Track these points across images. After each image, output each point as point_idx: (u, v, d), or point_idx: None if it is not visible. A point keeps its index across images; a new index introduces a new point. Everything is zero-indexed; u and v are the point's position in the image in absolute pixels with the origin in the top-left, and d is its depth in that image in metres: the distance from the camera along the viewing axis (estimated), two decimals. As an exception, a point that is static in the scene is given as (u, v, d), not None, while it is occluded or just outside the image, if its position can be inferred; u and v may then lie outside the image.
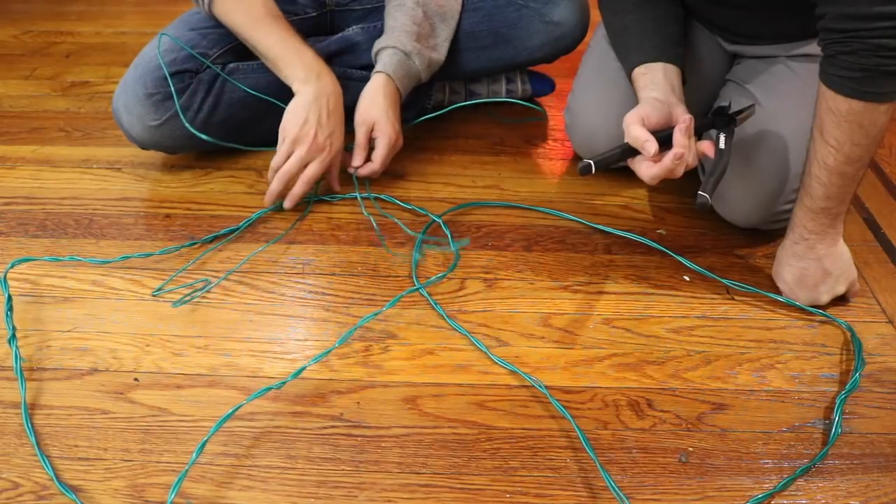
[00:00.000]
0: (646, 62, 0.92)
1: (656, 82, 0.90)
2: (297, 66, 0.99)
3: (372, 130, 1.03)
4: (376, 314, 0.86)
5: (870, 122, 0.74)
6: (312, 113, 0.97)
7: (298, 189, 0.99)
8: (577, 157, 1.15)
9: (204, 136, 1.02)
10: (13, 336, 0.81)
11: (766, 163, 0.93)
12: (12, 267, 0.89)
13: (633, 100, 1.02)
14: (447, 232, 1.00)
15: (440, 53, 1.09)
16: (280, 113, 0.99)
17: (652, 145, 0.81)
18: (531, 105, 1.23)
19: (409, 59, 1.04)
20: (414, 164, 1.14)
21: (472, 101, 1.23)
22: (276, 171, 0.98)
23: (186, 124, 1.01)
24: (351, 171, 1.05)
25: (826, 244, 0.85)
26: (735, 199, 0.96)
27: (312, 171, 0.98)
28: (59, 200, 1.05)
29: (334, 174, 1.04)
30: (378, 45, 1.05)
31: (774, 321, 0.89)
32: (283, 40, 0.99)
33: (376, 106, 1.02)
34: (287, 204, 1.00)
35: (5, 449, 0.72)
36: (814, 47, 0.93)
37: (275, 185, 0.99)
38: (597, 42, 1.11)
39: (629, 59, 0.94)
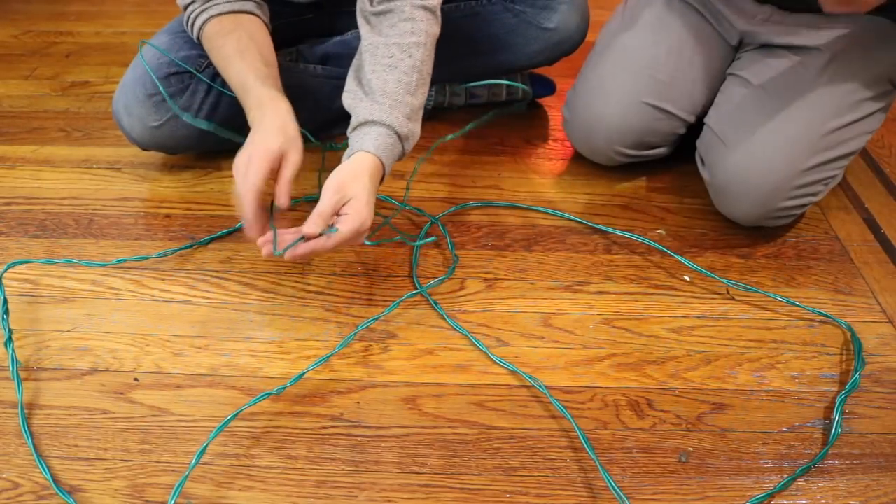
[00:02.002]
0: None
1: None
2: (248, 107, 0.88)
3: (343, 206, 0.83)
4: (377, 318, 0.86)
5: None
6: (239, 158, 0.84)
7: (244, 199, 0.81)
8: (576, 156, 1.15)
9: (204, 125, 0.95)
10: (9, 339, 0.81)
11: (767, 158, 0.93)
12: (7, 270, 0.89)
13: (632, 95, 1.03)
14: (445, 233, 1.00)
15: (419, 126, 0.91)
16: None
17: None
18: (514, 84, 1.20)
19: (401, 142, 0.88)
20: (414, 165, 1.13)
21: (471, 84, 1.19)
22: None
23: (183, 115, 0.95)
24: (290, 238, 0.80)
25: None
26: (736, 196, 0.96)
27: (251, 173, 0.81)
28: (59, 200, 1.05)
29: (281, 184, 0.84)
30: (368, 112, 0.86)
31: (774, 321, 0.89)
32: (239, 79, 0.89)
33: (359, 184, 0.83)
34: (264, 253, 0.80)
35: (5, 449, 0.72)
36: (817, 38, 0.93)
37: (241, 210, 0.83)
38: (599, 39, 1.11)
39: None
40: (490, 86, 1.25)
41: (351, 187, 0.83)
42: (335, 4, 1.17)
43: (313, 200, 0.97)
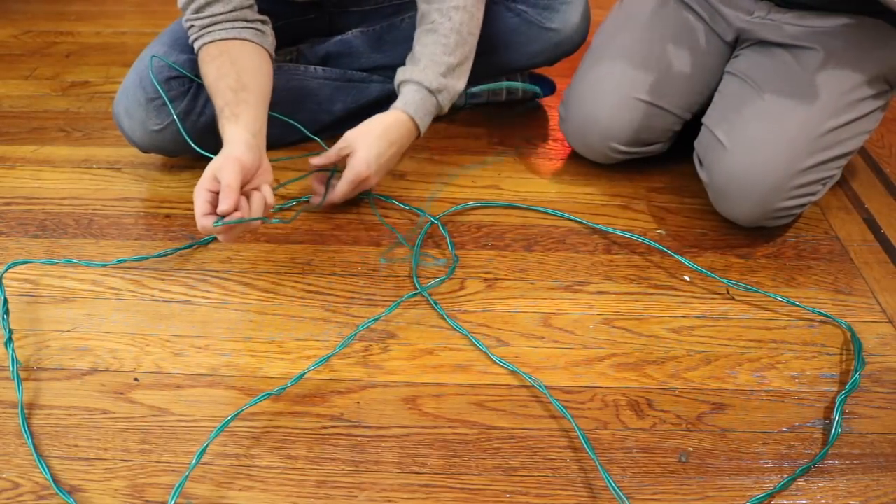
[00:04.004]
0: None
1: None
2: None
3: (346, 156, 0.97)
4: (377, 319, 0.86)
5: None
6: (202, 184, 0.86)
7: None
8: (576, 156, 1.15)
9: (204, 153, 0.92)
10: (9, 339, 0.81)
11: (765, 159, 0.93)
12: (7, 270, 0.88)
13: (626, 92, 1.03)
14: (445, 234, 1.00)
15: (463, 82, 1.03)
16: (282, 118, 0.99)
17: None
18: (531, 87, 1.23)
19: (433, 97, 0.98)
20: (414, 164, 1.14)
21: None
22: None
23: (185, 136, 0.96)
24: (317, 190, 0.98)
25: None
26: (735, 197, 0.96)
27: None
28: (59, 200, 1.05)
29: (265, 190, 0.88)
30: (403, 74, 0.99)
31: (774, 321, 0.89)
32: (220, 117, 0.90)
33: (364, 141, 0.95)
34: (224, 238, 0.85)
35: (5, 449, 0.72)
36: (814, 37, 0.93)
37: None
38: (596, 38, 1.11)
39: None
40: (489, 84, 1.25)
41: (357, 142, 0.96)
42: (336, 4, 1.17)
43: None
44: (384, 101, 1.19)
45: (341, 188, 0.98)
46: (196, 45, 0.96)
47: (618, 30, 1.07)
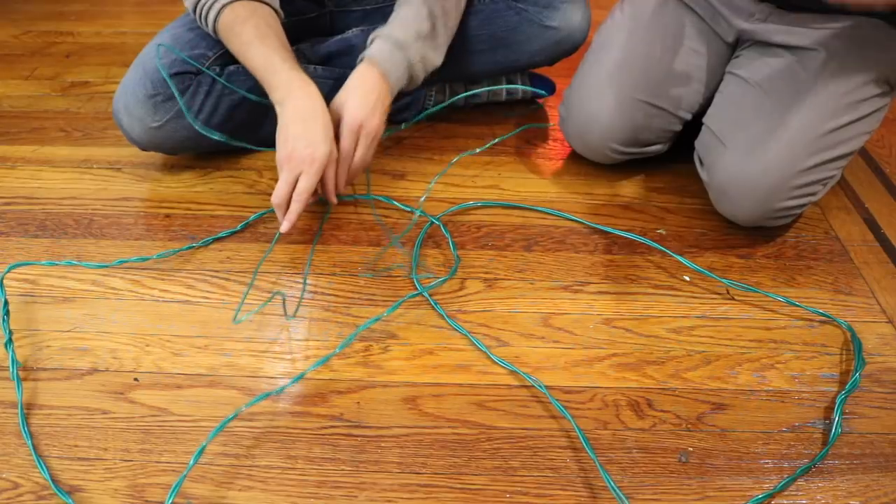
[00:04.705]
0: None
1: None
2: (273, 86, 0.94)
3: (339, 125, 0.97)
4: (377, 319, 0.86)
5: None
6: (291, 130, 0.91)
7: (294, 207, 0.91)
8: (576, 156, 1.15)
9: (216, 136, 0.98)
10: (9, 340, 0.81)
11: (767, 158, 0.93)
12: (8, 272, 0.88)
13: (626, 92, 1.03)
14: (446, 233, 1.00)
15: (437, 55, 1.05)
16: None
17: None
18: (536, 90, 1.23)
19: (401, 51, 0.98)
20: (414, 164, 1.14)
21: (467, 93, 1.21)
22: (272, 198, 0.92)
23: (192, 121, 0.99)
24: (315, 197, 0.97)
25: None
26: (735, 197, 0.96)
27: (303, 184, 0.91)
28: (59, 200, 1.05)
29: (328, 186, 0.96)
30: (371, 35, 1.01)
31: (774, 321, 0.89)
32: (263, 61, 0.95)
33: (343, 95, 0.96)
34: (283, 227, 0.91)
35: (5, 449, 0.72)
36: (815, 38, 0.93)
37: (279, 216, 0.93)
38: (596, 38, 1.11)
39: None
40: (489, 84, 1.25)
41: (339, 102, 0.96)
42: (337, 3, 1.17)
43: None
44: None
45: (346, 145, 0.95)
46: (216, 9, 0.96)
47: (618, 30, 1.07)
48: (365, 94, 0.97)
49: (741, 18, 1.00)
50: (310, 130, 0.91)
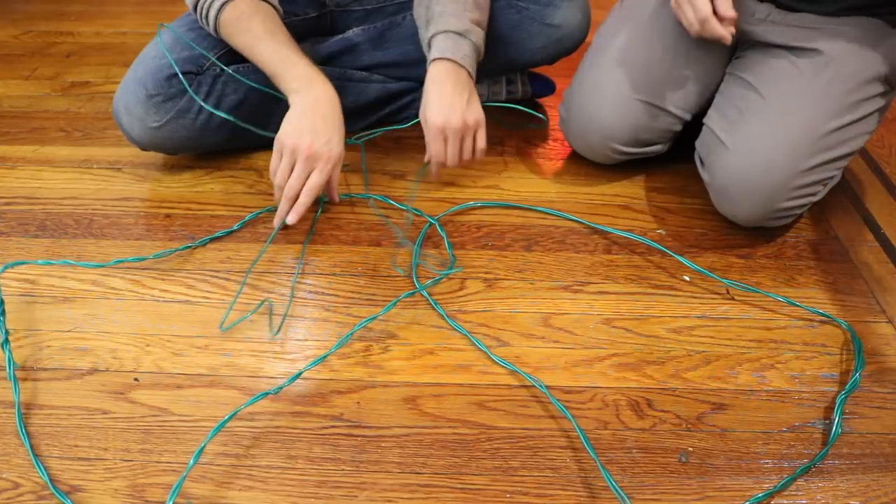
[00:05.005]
0: None
1: None
2: (290, 77, 0.96)
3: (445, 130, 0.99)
4: (374, 318, 0.86)
5: None
6: (306, 122, 0.94)
7: (303, 199, 0.94)
8: (576, 156, 1.15)
9: (225, 115, 1.03)
10: (6, 340, 0.81)
11: (766, 159, 0.93)
12: (3, 271, 0.88)
13: (626, 92, 1.03)
14: (443, 234, 1.00)
15: (483, 42, 1.04)
16: (281, 116, 0.99)
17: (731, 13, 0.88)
18: (535, 113, 1.23)
19: (464, 38, 0.99)
20: (414, 164, 1.14)
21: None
22: (279, 184, 0.95)
23: (201, 103, 1.02)
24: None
25: None
26: (736, 197, 0.96)
27: (315, 180, 0.94)
28: (59, 200, 1.05)
29: (334, 184, 1.00)
30: (428, 33, 1.00)
31: (774, 321, 0.89)
32: (277, 55, 0.97)
33: (426, 99, 0.98)
34: (291, 219, 0.95)
35: (5, 449, 0.72)
36: (815, 39, 0.93)
37: (283, 206, 0.96)
38: (596, 38, 1.11)
39: None
40: (489, 84, 1.25)
41: (421, 106, 0.99)
42: (338, 3, 1.17)
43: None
44: (384, 100, 1.19)
45: (436, 148, 0.99)
46: (217, 5, 0.97)
47: (618, 30, 1.07)
48: (441, 94, 0.98)
49: (742, 19, 1.00)
50: (329, 128, 0.94)
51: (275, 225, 0.97)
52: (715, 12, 0.89)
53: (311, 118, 0.94)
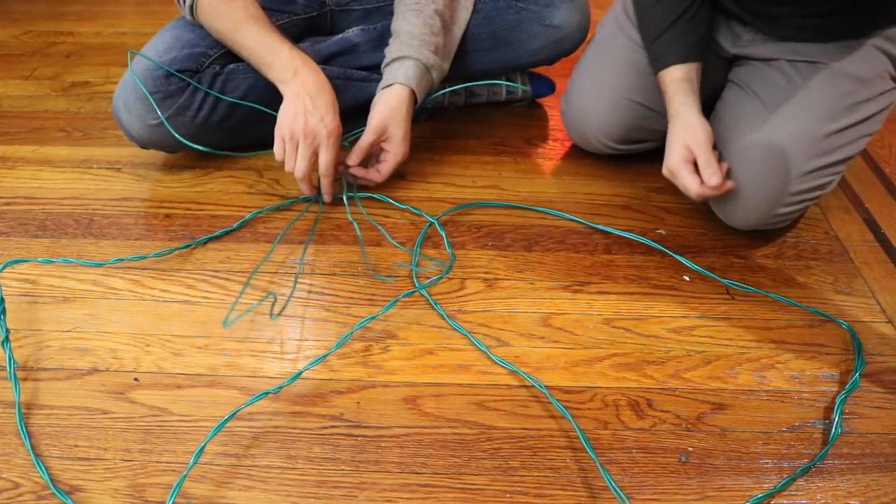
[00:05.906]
0: (681, 62, 0.94)
1: (693, 89, 0.94)
2: (276, 66, 0.99)
3: (383, 141, 1.03)
4: (373, 317, 0.86)
5: None
6: (298, 106, 0.97)
7: (325, 181, 1.01)
8: (577, 155, 1.16)
9: (232, 99, 1.05)
10: (6, 339, 0.81)
11: (765, 164, 0.92)
12: (3, 269, 0.88)
13: (626, 85, 1.03)
14: (443, 234, 1.00)
15: (447, 64, 1.09)
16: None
17: (716, 180, 0.89)
18: (513, 84, 1.24)
19: (429, 73, 1.04)
20: (414, 164, 1.13)
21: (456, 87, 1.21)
22: (289, 170, 0.99)
23: (206, 90, 1.04)
24: (341, 168, 1.04)
25: None
26: (734, 202, 0.96)
27: (325, 158, 0.98)
28: (59, 200, 1.05)
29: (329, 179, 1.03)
30: (396, 51, 1.03)
31: (774, 321, 0.89)
32: (260, 42, 0.99)
33: (397, 120, 1.02)
34: (327, 198, 1.03)
35: (5, 449, 0.72)
36: (815, 52, 0.93)
37: (304, 187, 1.01)
38: (597, 33, 1.12)
39: (664, 57, 0.96)
40: (490, 85, 1.25)
41: (390, 127, 1.02)
42: (337, 2, 1.17)
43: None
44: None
45: (388, 171, 1.05)
46: None
47: (615, 31, 1.08)
48: (407, 127, 1.03)
49: (730, 43, 1.01)
50: (321, 105, 0.97)
51: (325, 199, 1.04)
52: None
53: (302, 102, 0.97)
